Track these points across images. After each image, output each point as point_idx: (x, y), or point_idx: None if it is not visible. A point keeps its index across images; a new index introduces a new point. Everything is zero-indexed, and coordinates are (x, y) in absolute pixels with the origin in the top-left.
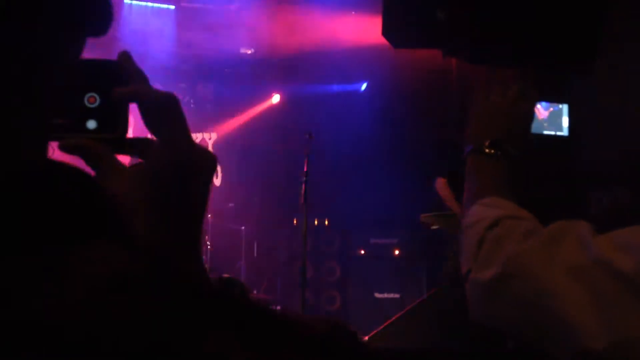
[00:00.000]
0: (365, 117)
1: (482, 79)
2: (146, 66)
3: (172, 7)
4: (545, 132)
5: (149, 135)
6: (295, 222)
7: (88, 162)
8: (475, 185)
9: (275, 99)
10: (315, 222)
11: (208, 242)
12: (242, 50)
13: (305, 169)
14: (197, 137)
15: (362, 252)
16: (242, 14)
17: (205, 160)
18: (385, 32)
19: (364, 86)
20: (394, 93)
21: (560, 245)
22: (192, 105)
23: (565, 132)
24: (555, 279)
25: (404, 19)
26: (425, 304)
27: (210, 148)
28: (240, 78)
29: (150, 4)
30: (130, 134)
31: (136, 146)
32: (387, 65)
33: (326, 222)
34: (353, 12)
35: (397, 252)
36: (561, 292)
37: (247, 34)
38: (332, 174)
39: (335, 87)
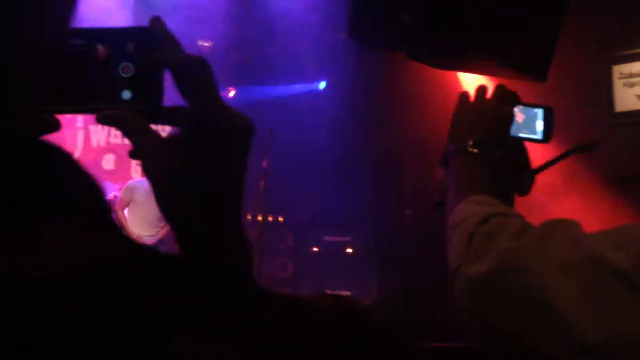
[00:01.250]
0: (324, 115)
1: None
2: None
3: None
4: (521, 135)
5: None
6: (249, 217)
7: (124, 133)
8: (461, 183)
9: (231, 93)
10: (270, 219)
11: None
12: (200, 43)
13: (265, 166)
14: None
15: (316, 249)
16: (202, 5)
17: (240, 125)
18: (351, 34)
19: (322, 84)
20: (354, 92)
21: (553, 242)
22: None
23: (539, 136)
24: (549, 275)
25: (371, 21)
26: (377, 303)
27: None
28: None
29: None
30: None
31: (172, 115)
32: (348, 63)
33: (280, 219)
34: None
35: (349, 250)
36: (555, 288)
37: (206, 26)
38: (286, 172)
39: (294, 85)
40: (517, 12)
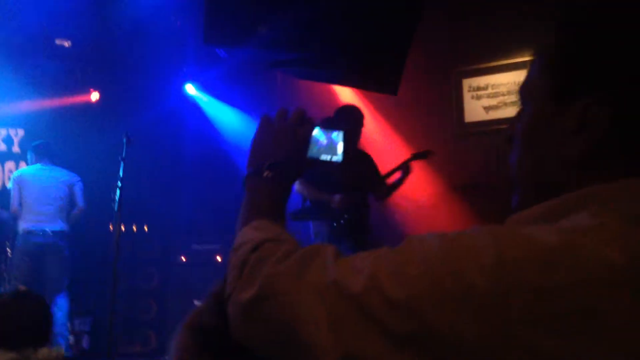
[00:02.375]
0: (188, 121)
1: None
2: None
3: None
4: (322, 158)
5: None
6: (111, 227)
7: None
8: (249, 207)
9: (94, 96)
10: (134, 228)
11: (8, 250)
12: (58, 42)
13: (121, 174)
14: (1, 132)
15: (183, 258)
16: (64, 2)
17: None
18: (208, 42)
19: (187, 89)
20: (220, 98)
21: (309, 267)
22: None
23: (340, 158)
24: (301, 300)
25: (227, 29)
26: None
27: (16, 146)
28: (55, 71)
29: None
30: None
31: None
32: (212, 69)
33: (145, 228)
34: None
35: (219, 258)
36: (304, 312)
37: (68, 24)
38: (152, 179)
39: (156, 88)
40: (371, 35)
